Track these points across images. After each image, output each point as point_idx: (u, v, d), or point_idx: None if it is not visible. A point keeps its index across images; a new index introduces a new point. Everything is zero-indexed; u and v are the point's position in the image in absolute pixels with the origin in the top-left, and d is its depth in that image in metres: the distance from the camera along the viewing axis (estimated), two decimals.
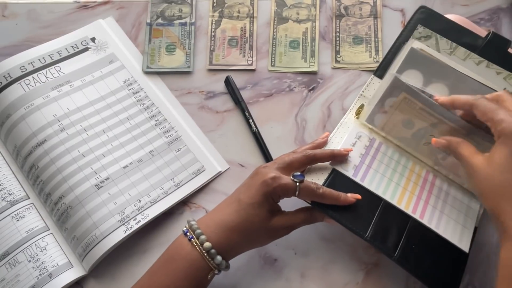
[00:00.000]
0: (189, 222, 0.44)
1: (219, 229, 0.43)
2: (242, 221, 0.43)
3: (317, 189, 0.45)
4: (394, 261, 0.46)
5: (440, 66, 0.50)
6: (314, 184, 0.45)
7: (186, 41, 0.61)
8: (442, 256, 0.47)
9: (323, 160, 0.48)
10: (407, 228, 0.48)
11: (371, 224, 0.47)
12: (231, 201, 0.45)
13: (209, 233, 0.42)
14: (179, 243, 0.43)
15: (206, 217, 0.45)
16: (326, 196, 0.46)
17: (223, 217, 0.43)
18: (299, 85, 0.59)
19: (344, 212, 0.48)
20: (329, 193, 0.46)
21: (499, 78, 0.51)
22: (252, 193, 0.44)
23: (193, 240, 0.42)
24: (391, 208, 0.48)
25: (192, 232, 0.43)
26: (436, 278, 0.46)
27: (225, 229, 0.43)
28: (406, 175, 0.50)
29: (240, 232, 0.43)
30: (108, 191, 0.52)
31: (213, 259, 0.42)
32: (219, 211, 0.45)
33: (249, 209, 0.43)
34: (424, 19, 0.55)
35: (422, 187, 0.50)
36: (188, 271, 0.42)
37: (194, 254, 0.42)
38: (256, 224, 0.43)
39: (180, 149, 0.56)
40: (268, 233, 0.45)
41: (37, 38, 0.61)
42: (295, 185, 0.44)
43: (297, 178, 0.44)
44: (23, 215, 0.52)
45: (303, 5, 0.62)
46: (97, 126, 0.55)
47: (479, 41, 0.53)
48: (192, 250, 0.42)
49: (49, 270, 0.49)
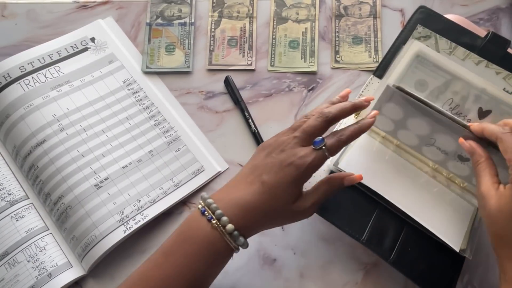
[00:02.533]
0: (206, 200, 0.41)
1: (240, 210, 0.40)
2: (265, 204, 0.41)
3: (342, 141, 0.43)
4: (390, 264, 0.47)
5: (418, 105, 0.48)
6: (336, 137, 0.42)
7: (185, 41, 0.61)
8: (438, 259, 0.47)
9: (344, 116, 0.45)
10: (403, 231, 0.48)
11: (367, 227, 0.48)
12: (251, 179, 0.42)
13: (230, 214, 0.40)
14: (196, 222, 0.41)
15: (222, 194, 0.42)
16: (353, 136, 0.43)
17: (244, 197, 0.41)
18: (299, 85, 0.59)
19: (340, 216, 0.48)
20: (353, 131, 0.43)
21: (498, 78, 0.51)
22: (279, 176, 0.41)
23: (213, 221, 0.40)
24: (388, 211, 0.49)
25: (212, 213, 0.40)
26: (431, 281, 0.46)
27: (246, 210, 0.41)
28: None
29: (262, 214, 0.41)
30: (108, 191, 0.52)
31: (235, 241, 0.40)
32: (238, 190, 0.42)
33: (274, 192, 0.41)
34: (424, 19, 0.54)
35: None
36: (208, 252, 0.40)
37: (215, 235, 0.40)
38: (281, 207, 0.41)
39: (179, 149, 0.56)
40: (292, 215, 0.43)
41: (36, 38, 0.61)
42: (323, 154, 0.41)
43: (319, 145, 0.41)
44: (23, 215, 0.52)
45: (303, 5, 0.62)
46: (97, 126, 0.55)
47: (478, 41, 0.53)
48: (213, 231, 0.40)
49: (48, 270, 0.49)
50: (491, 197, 0.40)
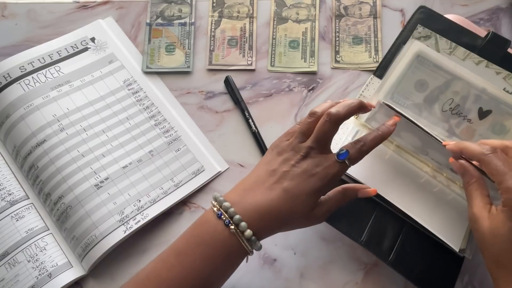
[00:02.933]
0: (223, 204, 0.41)
1: (259, 215, 0.40)
2: (285, 211, 0.41)
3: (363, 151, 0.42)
4: (389, 264, 0.47)
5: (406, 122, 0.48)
6: (358, 147, 0.42)
7: (185, 41, 0.61)
8: (437, 260, 0.47)
9: (352, 115, 0.44)
10: (402, 232, 0.48)
11: (366, 228, 0.48)
12: (271, 185, 0.41)
13: (248, 218, 0.40)
14: (212, 226, 0.40)
15: (238, 196, 0.41)
16: (374, 145, 0.43)
17: (264, 202, 0.40)
18: (299, 85, 0.59)
19: (339, 217, 0.49)
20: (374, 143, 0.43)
21: (498, 78, 0.51)
22: (301, 185, 0.41)
23: (231, 226, 0.39)
24: (387, 212, 0.49)
25: (230, 218, 0.40)
26: (431, 282, 0.46)
27: (265, 215, 0.40)
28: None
29: (281, 220, 0.41)
30: (108, 191, 0.52)
31: (252, 246, 0.40)
32: (256, 194, 0.41)
33: (296, 200, 0.41)
34: (424, 19, 0.55)
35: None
36: (224, 256, 0.40)
37: (232, 240, 0.39)
38: (299, 214, 0.41)
39: (179, 149, 0.56)
40: (306, 222, 0.43)
41: (36, 38, 0.61)
42: (346, 165, 0.42)
43: (342, 158, 0.41)
44: (23, 215, 0.52)
45: (303, 5, 0.62)
46: (97, 126, 0.55)
47: (478, 41, 0.53)
48: (230, 236, 0.39)
49: (48, 270, 0.49)
50: (484, 219, 0.39)
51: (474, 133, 0.49)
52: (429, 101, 0.50)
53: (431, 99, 0.50)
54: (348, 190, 0.44)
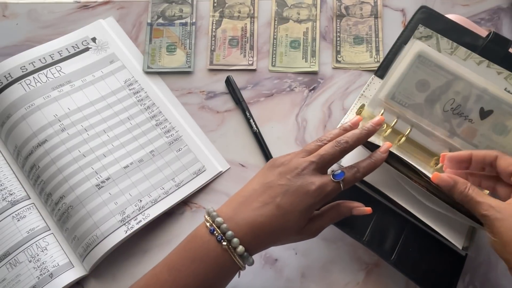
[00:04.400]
0: (215, 219, 0.41)
1: (251, 231, 0.40)
2: (278, 227, 0.41)
3: (357, 178, 0.43)
4: (391, 264, 0.47)
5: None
6: (353, 172, 0.43)
7: (186, 41, 0.61)
8: (439, 260, 0.47)
9: (359, 144, 0.45)
10: (404, 232, 0.48)
11: (369, 228, 0.48)
12: (265, 200, 0.41)
13: (241, 235, 0.40)
14: (204, 241, 0.40)
15: (231, 211, 0.42)
16: (367, 173, 0.44)
17: (257, 218, 0.41)
18: (300, 85, 0.59)
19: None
20: (367, 170, 0.43)
21: (500, 78, 0.51)
22: (295, 202, 0.41)
23: (223, 242, 0.40)
24: (389, 211, 0.49)
25: (222, 234, 0.40)
26: (432, 281, 0.46)
27: (257, 231, 0.40)
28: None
29: (272, 235, 0.41)
30: (109, 191, 0.52)
31: (243, 261, 0.40)
32: (249, 209, 0.41)
33: (288, 217, 0.41)
34: (425, 19, 0.54)
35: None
36: (216, 272, 0.40)
37: (224, 256, 0.40)
38: (292, 230, 0.42)
39: (180, 149, 0.56)
40: (299, 237, 0.44)
41: (37, 38, 0.61)
42: (339, 186, 0.42)
43: (338, 178, 0.42)
44: (24, 215, 0.52)
45: (304, 5, 0.62)
46: (98, 126, 0.55)
47: (479, 41, 0.53)
48: (222, 252, 0.40)
49: (49, 270, 0.49)
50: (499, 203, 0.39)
51: (476, 133, 0.49)
52: (430, 101, 0.50)
53: (432, 99, 0.50)
54: (342, 207, 0.45)
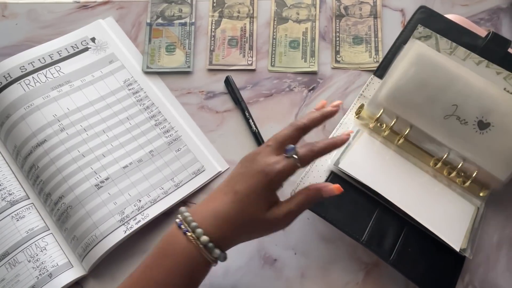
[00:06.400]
0: (183, 214, 0.41)
1: (215, 221, 0.41)
2: (238, 213, 0.41)
3: (313, 151, 0.43)
4: (390, 264, 0.47)
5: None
6: (308, 147, 0.43)
7: (186, 41, 0.61)
8: (438, 260, 0.47)
9: (315, 126, 0.44)
10: (403, 232, 0.48)
11: (368, 228, 0.48)
12: (226, 190, 0.42)
13: (205, 225, 0.40)
14: (173, 236, 0.41)
15: (200, 207, 0.42)
16: (325, 149, 0.43)
17: (219, 208, 0.41)
18: (299, 85, 0.59)
19: (340, 216, 0.49)
20: (326, 144, 0.43)
21: (499, 78, 0.51)
22: (249, 184, 0.41)
23: (188, 233, 0.40)
24: (388, 211, 0.49)
25: (187, 225, 0.40)
26: (432, 281, 0.46)
27: (221, 220, 0.41)
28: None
29: (237, 224, 0.41)
30: (108, 191, 0.52)
31: (211, 253, 0.40)
32: (214, 201, 0.42)
33: (246, 201, 0.41)
34: (424, 19, 0.55)
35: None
36: (185, 267, 0.40)
37: (191, 248, 0.40)
38: (253, 216, 0.41)
39: (180, 149, 0.56)
40: (266, 225, 0.43)
41: (37, 38, 0.61)
42: (294, 163, 0.41)
43: (290, 152, 0.42)
44: (23, 215, 0.52)
45: (303, 5, 0.62)
46: (97, 126, 0.55)
47: (479, 41, 0.53)
48: (188, 244, 0.40)
49: (49, 270, 0.49)
50: None
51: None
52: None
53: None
54: (309, 189, 0.43)
